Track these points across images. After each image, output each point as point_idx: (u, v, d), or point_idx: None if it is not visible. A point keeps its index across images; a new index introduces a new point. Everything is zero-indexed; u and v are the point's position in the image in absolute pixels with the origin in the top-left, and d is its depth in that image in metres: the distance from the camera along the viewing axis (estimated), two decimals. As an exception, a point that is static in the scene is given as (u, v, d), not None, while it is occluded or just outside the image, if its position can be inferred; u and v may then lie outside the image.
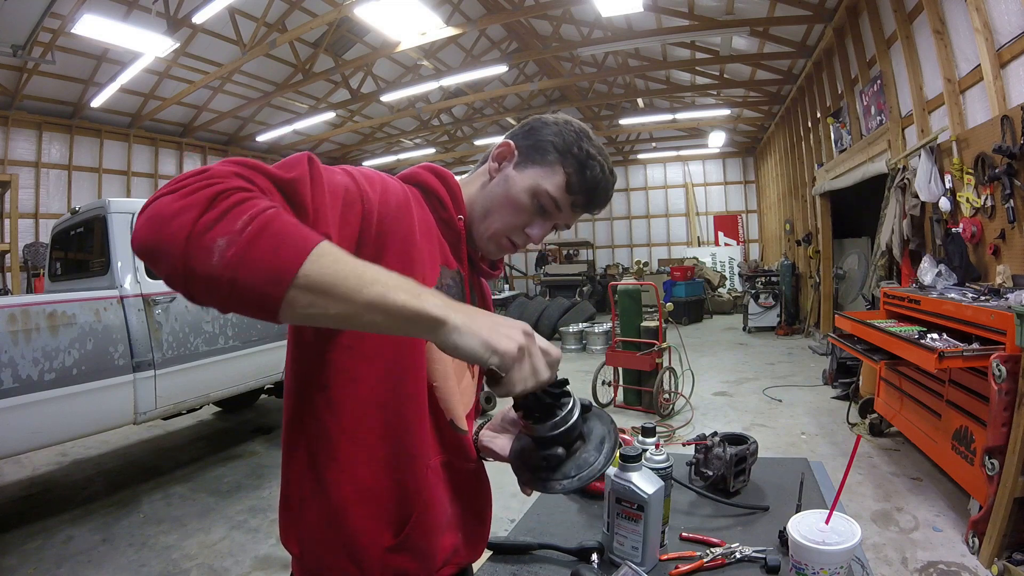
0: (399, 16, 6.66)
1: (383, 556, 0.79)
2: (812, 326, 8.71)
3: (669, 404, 5.06)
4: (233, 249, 0.52)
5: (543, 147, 0.90)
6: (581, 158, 0.90)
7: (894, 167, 5.05)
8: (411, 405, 0.81)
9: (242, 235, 0.52)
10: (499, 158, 0.93)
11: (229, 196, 0.55)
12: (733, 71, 10.05)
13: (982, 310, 2.66)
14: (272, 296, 0.53)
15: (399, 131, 13.57)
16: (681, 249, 15.51)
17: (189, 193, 0.54)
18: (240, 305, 0.55)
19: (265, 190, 0.61)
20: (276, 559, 2.85)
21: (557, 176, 0.90)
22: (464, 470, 0.91)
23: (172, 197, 0.55)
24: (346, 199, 0.72)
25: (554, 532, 1.19)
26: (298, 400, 0.82)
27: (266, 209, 0.55)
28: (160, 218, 0.53)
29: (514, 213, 0.91)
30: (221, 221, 0.53)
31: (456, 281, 0.91)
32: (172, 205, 0.54)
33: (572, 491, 0.80)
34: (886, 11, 5.28)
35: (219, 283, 0.53)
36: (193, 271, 0.53)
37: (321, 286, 0.54)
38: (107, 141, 9.97)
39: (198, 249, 0.52)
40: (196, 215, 0.53)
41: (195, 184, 0.55)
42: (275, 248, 0.53)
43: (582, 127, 0.93)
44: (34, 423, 2.86)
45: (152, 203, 0.55)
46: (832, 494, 1.15)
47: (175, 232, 0.52)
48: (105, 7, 6.65)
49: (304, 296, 0.54)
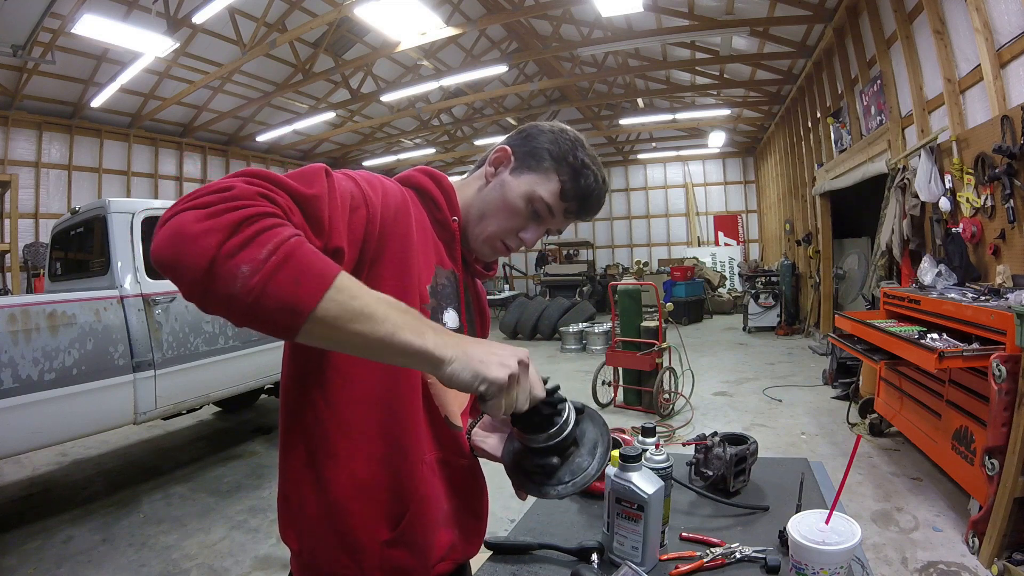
0: (399, 16, 6.66)
1: (380, 551, 0.81)
2: (812, 326, 8.71)
3: (669, 404, 5.06)
4: (256, 278, 0.54)
5: (539, 154, 0.93)
6: (576, 166, 0.92)
7: (894, 167, 5.05)
8: (406, 402, 0.83)
9: (265, 264, 0.55)
10: (496, 163, 0.96)
11: (255, 222, 0.56)
12: (733, 71, 10.05)
13: (982, 310, 2.66)
14: (289, 325, 0.57)
15: (399, 131, 13.57)
16: (681, 249, 15.52)
17: (215, 215, 0.56)
18: (256, 326, 0.58)
19: (286, 208, 0.63)
20: (276, 559, 2.85)
21: (552, 183, 0.92)
22: (459, 466, 0.92)
23: (197, 215, 0.56)
24: (352, 204, 0.75)
25: (554, 532, 1.19)
26: (295, 397, 0.83)
27: (289, 238, 0.57)
28: (184, 237, 0.55)
29: (509, 217, 0.93)
30: (246, 248, 0.55)
31: (450, 280, 0.92)
32: (197, 225, 0.55)
33: (565, 496, 0.80)
34: (886, 11, 5.28)
35: (238, 306, 0.55)
36: (214, 293, 0.55)
37: (336, 322, 0.57)
38: (107, 141, 9.97)
39: (222, 273, 0.54)
40: (221, 239, 0.54)
41: (221, 206, 0.56)
42: (296, 280, 0.56)
43: (577, 136, 0.95)
44: (34, 423, 2.86)
45: (174, 217, 0.56)
46: (832, 494, 1.15)
47: (199, 254, 0.54)
48: (105, 7, 6.66)
49: (319, 328, 0.57)
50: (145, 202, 3.69)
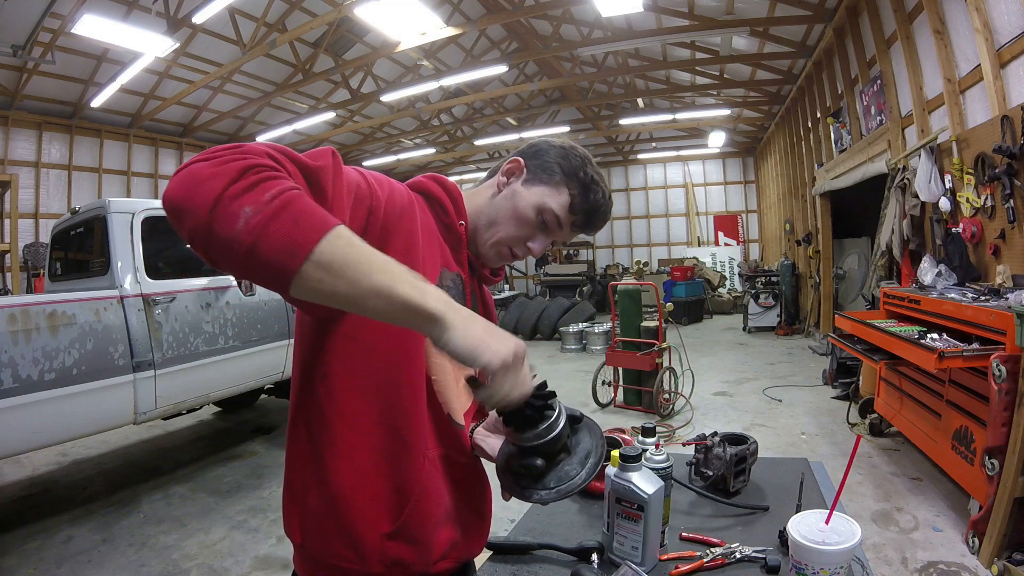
0: (399, 16, 6.66)
1: (381, 543, 0.82)
2: (812, 326, 8.71)
3: (669, 404, 5.06)
4: (258, 218, 0.56)
5: (550, 168, 0.97)
6: (586, 182, 0.96)
7: (894, 167, 5.05)
8: (408, 395, 0.84)
9: (267, 206, 0.57)
10: (508, 173, 0.99)
11: (260, 172, 0.59)
12: (733, 71, 10.05)
13: (982, 310, 2.66)
14: (287, 267, 0.57)
15: (399, 131, 13.56)
16: (681, 249, 15.51)
17: (223, 163, 0.59)
18: (255, 271, 0.59)
19: (292, 173, 0.66)
20: (276, 559, 2.85)
21: (562, 196, 0.96)
22: (462, 464, 0.93)
23: (206, 164, 0.59)
24: (357, 195, 0.77)
25: (554, 532, 1.19)
26: (301, 388, 0.85)
27: (291, 188, 0.60)
28: (193, 179, 0.58)
29: (518, 226, 0.96)
30: (250, 192, 0.57)
31: (456, 283, 0.94)
32: (205, 170, 0.58)
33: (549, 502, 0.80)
34: (886, 11, 5.28)
35: (239, 247, 0.56)
36: (217, 233, 0.57)
37: (333, 265, 0.58)
38: (107, 141, 9.97)
39: (225, 213, 0.56)
40: (227, 182, 0.57)
41: (229, 156, 0.60)
42: (295, 223, 0.57)
43: (586, 153, 1.00)
44: (34, 423, 2.86)
45: (186, 167, 0.60)
46: (832, 494, 1.15)
47: (205, 194, 0.57)
48: (105, 7, 6.66)
49: (316, 271, 0.58)
50: (145, 202, 3.69)
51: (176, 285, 3.62)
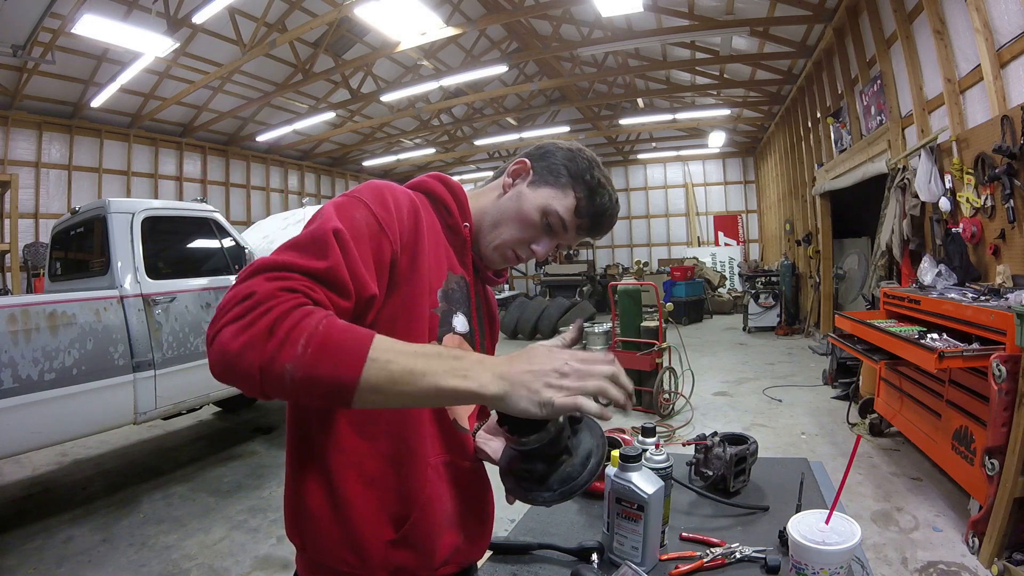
0: (399, 16, 6.66)
1: (384, 550, 0.81)
2: (812, 326, 8.71)
3: (669, 404, 5.06)
4: (300, 373, 0.60)
5: (557, 170, 0.95)
6: (592, 185, 0.95)
7: (894, 167, 5.05)
8: None
9: (305, 356, 0.60)
10: (514, 175, 0.98)
11: (284, 320, 0.61)
12: (733, 71, 10.05)
13: (982, 310, 2.66)
14: (341, 401, 0.62)
15: (399, 131, 13.56)
16: (681, 249, 15.52)
17: (248, 325, 0.61)
18: (316, 406, 0.66)
19: (306, 290, 0.67)
20: (276, 559, 2.85)
21: (568, 199, 0.94)
22: (465, 469, 0.92)
23: (233, 330, 0.61)
24: (370, 234, 0.77)
25: (554, 532, 1.19)
26: None
27: (318, 325, 0.62)
28: (228, 357, 0.61)
29: (523, 228, 0.95)
30: (284, 348, 0.60)
31: (461, 285, 0.93)
32: (235, 342, 0.61)
33: (552, 504, 0.80)
34: (886, 11, 5.28)
35: (294, 396, 0.63)
36: (272, 394, 0.63)
37: (381, 387, 0.62)
38: (107, 141, 9.97)
39: (271, 380, 0.61)
40: (260, 350, 0.60)
41: (252, 315, 0.62)
42: (335, 364, 0.60)
43: (593, 156, 0.98)
44: (34, 423, 2.86)
45: (217, 336, 0.62)
46: (832, 494, 1.15)
47: (248, 368, 0.60)
48: (105, 7, 6.65)
49: (368, 396, 0.62)
50: (145, 202, 3.69)
51: (176, 285, 3.62)
